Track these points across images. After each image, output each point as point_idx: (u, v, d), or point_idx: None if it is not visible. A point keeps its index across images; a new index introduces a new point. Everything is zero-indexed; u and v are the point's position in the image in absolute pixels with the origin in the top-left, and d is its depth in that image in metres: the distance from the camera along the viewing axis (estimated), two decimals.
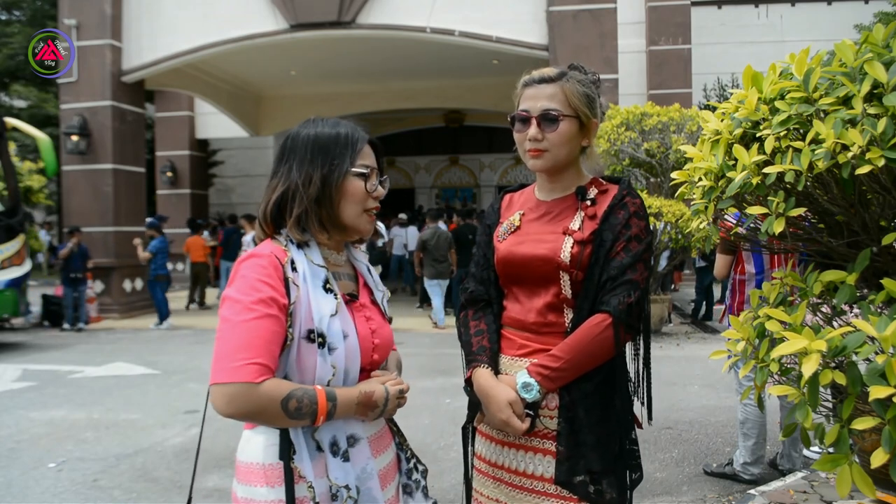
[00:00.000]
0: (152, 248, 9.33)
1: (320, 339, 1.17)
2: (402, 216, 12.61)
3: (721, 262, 3.58)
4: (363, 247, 1.45)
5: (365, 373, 1.27)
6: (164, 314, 9.37)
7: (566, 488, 1.38)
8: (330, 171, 1.23)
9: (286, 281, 1.18)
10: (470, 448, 1.56)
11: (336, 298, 1.22)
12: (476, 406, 1.48)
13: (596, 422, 1.38)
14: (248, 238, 11.50)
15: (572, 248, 1.41)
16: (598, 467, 1.37)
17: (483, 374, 1.44)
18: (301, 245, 1.23)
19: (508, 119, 1.52)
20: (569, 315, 1.43)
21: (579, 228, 1.44)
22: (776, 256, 3.25)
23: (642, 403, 1.54)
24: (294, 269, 1.20)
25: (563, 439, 1.38)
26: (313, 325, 1.17)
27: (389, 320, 1.37)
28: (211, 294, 12.39)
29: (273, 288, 1.16)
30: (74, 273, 9.17)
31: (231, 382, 1.09)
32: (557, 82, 1.46)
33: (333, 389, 1.17)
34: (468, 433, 1.55)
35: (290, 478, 1.15)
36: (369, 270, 1.40)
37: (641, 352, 1.52)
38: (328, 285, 1.23)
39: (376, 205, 1.30)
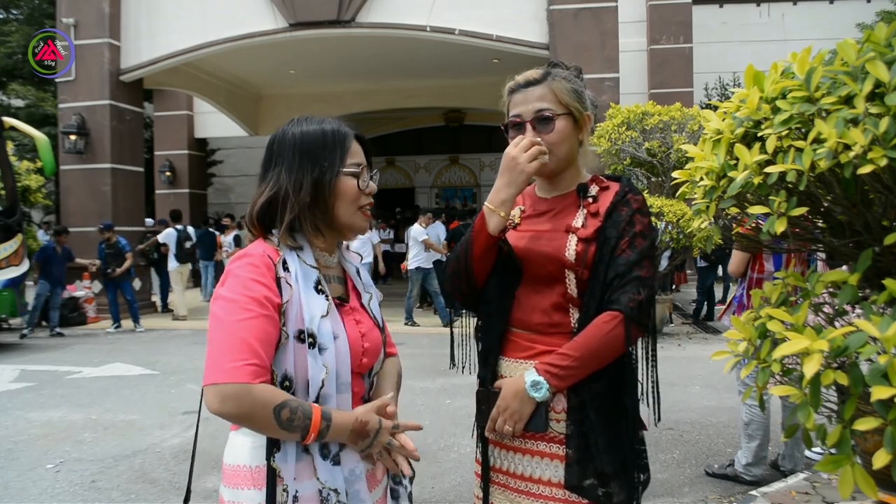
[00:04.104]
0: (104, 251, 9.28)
1: (311, 340, 1.17)
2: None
3: (737, 258, 3.48)
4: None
5: (355, 376, 1.25)
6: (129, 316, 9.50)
7: (575, 492, 1.35)
8: (321, 175, 1.21)
9: (278, 280, 1.17)
10: (479, 452, 1.51)
11: (327, 300, 1.21)
12: (483, 407, 1.45)
13: (606, 423, 1.36)
14: (228, 238, 11.41)
15: (577, 246, 1.39)
16: (609, 470, 1.34)
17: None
18: (293, 247, 1.22)
19: (501, 127, 1.49)
20: (574, 314, 1.41)
21: (582, 226, 1.42)
22: (795, 254, 3.19)
23: (648, 405, 1.52)
24: (286, 269, 1.19)
25: (573, 442, 1.36)
26: (304, 326, 1.17)
27: (381, 326, 1.35)
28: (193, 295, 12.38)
29: (267, 287, 1.15)
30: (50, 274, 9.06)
31: (227, 383, 1.08)
32: (544, 83, 1.45)
33: (330, 409, 1.15)
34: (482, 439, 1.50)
35: (272, 478, 1.14)
36: (359, 273, 1.38)
37: (649, 351, 1.50)
38: (320, 286, 1.22)
39: (370, 201, 1.28)
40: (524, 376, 1.37)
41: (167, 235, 10.31)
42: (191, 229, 11.00)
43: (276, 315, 1.14)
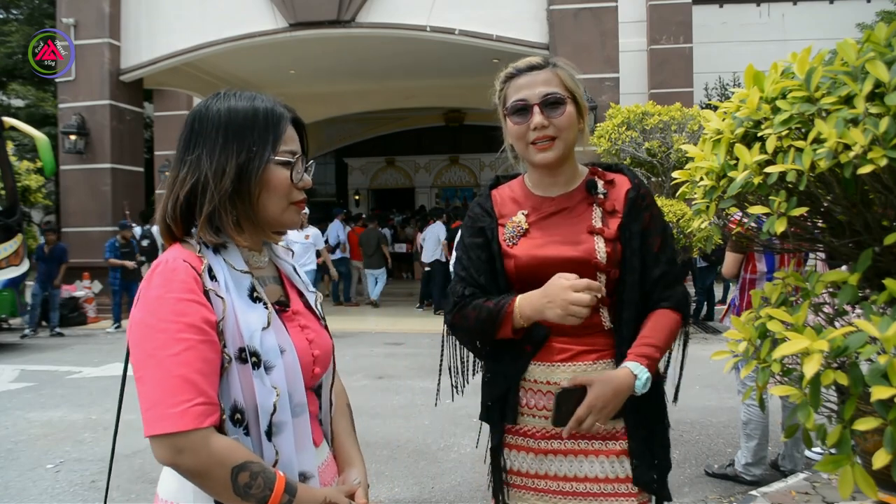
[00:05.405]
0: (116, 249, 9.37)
1: (254, 359, 1.00)
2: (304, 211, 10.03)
3: (730, 260, 3.50)
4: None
5: (308, 392, 1.10)
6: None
7: (641, 486, 1.39)
8: (248, 161, 1.03)
9: (206, 293, 0.99)
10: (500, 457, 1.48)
11: (266, 308, 1.05)
12: (564, 408, 1.32)
13: (655, 416, 1.43)
14: (138, 230, 10.75)
15: (606, 247, 1.39)
16: (659, 460, 1.41)
17: (522, 296, 1.37)
18: (218, 248, 1.05)
19: (502, 112, 1.46)
20: (604, 313, 1.42)
21: (604, 225, 1.42)
22: (787, 255, 3.21)
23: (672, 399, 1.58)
24: (213, 278, 1.01)
25: (632, 437, 1.40)
26: (244, 343, 1.00)
27: (326, 326, 1.21)
28: None
29: (201, 305, 0.98)
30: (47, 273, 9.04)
31: (178, 432, 0.92)
32: (548, 68, 1.43)
33: (296, 483, 1.00)
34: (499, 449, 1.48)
35: None
36: (295, 270, 1.23)
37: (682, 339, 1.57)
38: (255, 294, 1.05)
39: (303, 196, 1.11)
40: (629, 373, 1.31)
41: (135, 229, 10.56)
42: (155, 229, 11.08)
43: (216, 337, 0.98)
